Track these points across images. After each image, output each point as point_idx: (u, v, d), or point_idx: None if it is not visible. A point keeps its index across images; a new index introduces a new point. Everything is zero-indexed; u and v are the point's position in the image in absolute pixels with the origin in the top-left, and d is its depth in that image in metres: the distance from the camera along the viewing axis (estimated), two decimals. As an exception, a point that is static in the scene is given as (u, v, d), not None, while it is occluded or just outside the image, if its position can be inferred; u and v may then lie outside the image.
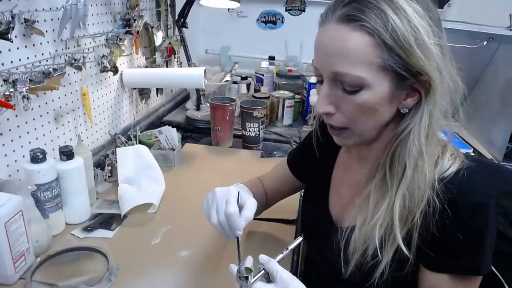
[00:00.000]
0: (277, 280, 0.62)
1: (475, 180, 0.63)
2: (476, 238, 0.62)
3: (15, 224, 0.77)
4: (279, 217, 1.05)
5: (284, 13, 2.12)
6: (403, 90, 0.61)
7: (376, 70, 0.58)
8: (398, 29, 0.56)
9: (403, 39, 0.56)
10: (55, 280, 0.81)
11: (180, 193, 1.16)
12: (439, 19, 0.61)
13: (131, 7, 1.29)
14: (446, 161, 0.65)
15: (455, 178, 0.63)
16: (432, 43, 0.58)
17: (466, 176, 0.62)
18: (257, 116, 1.41)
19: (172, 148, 1.32)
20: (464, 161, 0.65)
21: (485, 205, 0.61)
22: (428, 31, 0.57)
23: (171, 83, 1.54)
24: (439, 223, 0.62)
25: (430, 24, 0.58)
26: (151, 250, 0.92)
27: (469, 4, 1.81)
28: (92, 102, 1.20)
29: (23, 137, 0.95)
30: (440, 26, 0.61)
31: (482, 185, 0.63)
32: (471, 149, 1.46)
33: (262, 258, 0.65)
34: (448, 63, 0.61)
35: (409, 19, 0.56)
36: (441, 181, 0.62)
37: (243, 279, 0.63)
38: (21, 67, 0.90)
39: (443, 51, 0.60)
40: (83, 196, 0.99)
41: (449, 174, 0.63)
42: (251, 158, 1.39)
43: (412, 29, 0.56)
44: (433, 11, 0.60)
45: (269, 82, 1.88)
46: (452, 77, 0.61)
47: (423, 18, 0.57)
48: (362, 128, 0.64)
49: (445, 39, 0.61)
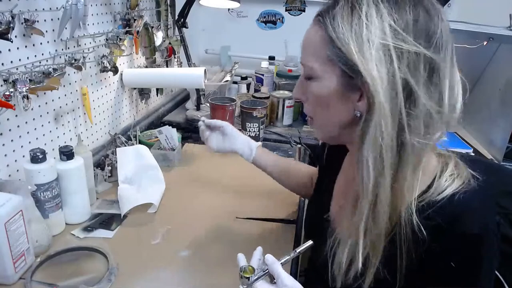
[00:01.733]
0: (278, 283, 0.63)
1: (469, 207, 0.58)
2: (467, 270, 0.59)
3: (15, 224, 0.77)
4: (279, 217, 1.05)
5: (284, 13, 2.11)
6: (354, 90, 0.59)
7: (324, 63, 0.61)
8: (342, 23, 0.57)
9: (342, 34, 0.57)
10: (55, 280, 0.81)
11: (180, 193, 1.16)
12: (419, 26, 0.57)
13: (131, 7, 1.29)
14: (442, 182, 0.60)
15: (447, 203, 0.58)
16: (380, 43, 0.55)
17: (459, 202, 0.58)
18: (257, 116, 1.41)
19: (172, 148, 1.32)
20: (465, 183, 0.60)
21: (477, 236, 0.57)
22: (384, 32, 0.55)
23: (171, 83, 1.54)
24: (425, 252, 0.58)
25: (391, 25, 0.55)
26: (151, 250, 0.92)
27: (469, 4, 1.81)
28: (92, 102, 1.20)
29: (23, 137, 0.95)
30: (420, 34, 0.56)
31: (475, 214, 0.58)
32: (471, 149, 1.46)
33: (267, 259, 0.65)
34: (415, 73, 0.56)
35: (361, 16, 0.56)
36: (431, 206, 0.58)
37: (245, 279, 0.64)
38: (21, 67, 0.90)
39: (406, 57, 0.56)
40: (83, 196, 0.99)
41: (442, 198, 0.59)
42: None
43: (357, 25, 0.56)
44: (408, 15, 0.56)
45: (269, 82, 1.88)
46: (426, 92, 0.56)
47: (383, 18, 0.56)
48: (321, 122, 0.68)
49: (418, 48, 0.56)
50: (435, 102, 0.57)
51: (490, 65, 1.55)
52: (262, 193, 1.16)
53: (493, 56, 1.52)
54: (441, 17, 0.58)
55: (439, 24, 0.58)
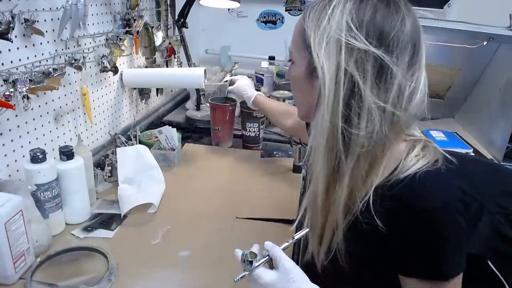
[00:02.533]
0: (279, 267, 0.64)
1: (426, 185, 0.61)
2: (432, 243, 0.61)
3: (15, 224, 0.77)
4: (279, 217, 1.05)
5: (284, 13, 2.11)
6: (316, 78, 0.64)
7: (298, 49, 0.68)
8: (313, 16, 0.64)
9: (309, 26, 0.64)
10: (55, 280, 0.81)
11: (180, 193, 1.16)
12: (374, 26, 0.60)
13: (131, 7, 1.29)
14: (407, 163, 0.64)
15: (409, 181, 0.62)
16: (335, 38, 0.60)
17: (420, 180, 0.61)
18: (257, 116, 1.41)
19: (172, 148, 1.32)
20: (430, 164, 0.63)
21: (438, 210, 0.60)
22: (341, 28, 0.60)
23: (171, 83, 1.54)
24: (390, 228, 0.62)
25: (348, 22, 0.60)
26: (151, 250, 0.92)
27: (469, 4, 1.81)
28: (92, 102, 1.20)
29: (23, 137, 0.95)
30: (372, 34, 0.60)
31: (435, 191, 0.61)
32: (471, 149, 1.46)
33: (267, 245, 0.67)
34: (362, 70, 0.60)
35: (327, 11, 0.62)
36: (397, 184, 0.62)
37: (247, 263, 0.65)
38: (21, 67, 0.90)
39: (355, 54, 0.59)
40: (83, 196, 0.99)
41: (405, 176, 0.62)
42: (251, 158, 1.39)
43: (322, 19, 0.62)
44: (365, 15, 0.60)
45: (269, 82, 1.88)
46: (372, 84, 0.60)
47: (343, 14, 0.61)
48: (296, 101, 0.78)
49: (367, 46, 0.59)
50: (382, 100, 0.60)
51: (490, 65, 1.55)
52: (262, 193, 1.16)
53: (493, 56, 1.52)
54: (404, 20, 0.61)
55: (399, 26, 0.60)
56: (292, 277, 0.63)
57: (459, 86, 1.65)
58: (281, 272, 0.64)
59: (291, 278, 0.63)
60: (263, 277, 0.64)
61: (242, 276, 0.66)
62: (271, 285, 0.64)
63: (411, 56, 0.62)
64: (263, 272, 0.65)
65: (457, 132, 1.60)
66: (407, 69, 0.62)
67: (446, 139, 1.50)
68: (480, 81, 1.61)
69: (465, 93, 1.68)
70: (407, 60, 0.61)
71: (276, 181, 1.23)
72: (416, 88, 0.63)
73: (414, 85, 0.62)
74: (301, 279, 0.64)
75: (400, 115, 0.62)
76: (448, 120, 1.76)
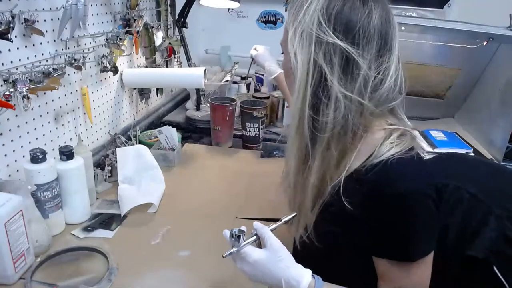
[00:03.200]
0: (267, 246, 0.66)
1: (397, 170, 0.63)
2: (400, 227, 0.64)
3: (15, 224, 0.77)
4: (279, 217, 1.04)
5: (284, 13, 2.11)
6: None
7: (285, 41, 0.71)
8: (294, 11, 0.68)
9: (289, 19, 0.69)
10: (55, 280, 0.81)
11: (180, 193, 1.16)
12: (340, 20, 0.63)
13: (131, 7, 1.29)
14: (382, 149, 0.66)
15: (381, 167, 0.64)
16: (307, 31, 0.64)
17: (391, 165, 0.63)
18: (257, 116, 1.41)
19: (172, 148, 1.32)
20: (403, 151, 0.65)
21: (406, 195, 0.62)
22: (313, 21, 0.64)
23: (171, 83, 1.54)
24: (362, 211, 0.65)
25: (319, 16, 0.63)
26: (151, 250, 0.92)
27: (469, 4, 1.81)
28: (92, 102, 1.20)
29: (23, 137, 0.95)
30: (338, 27, 0.63)
31: (404, 176, 0.63)
32: (471, 149, 1.46)
33: (256, 224, 0.70)
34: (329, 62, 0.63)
35: (304, 5, 0.66)
36: (370, 170, 0.64)
37: (236, 238, 0.66)
38: (21, 67, 0.90)
39: (323, 46, 0.63)
40: (83, 196, 0.99)
41: (378, 162, 0.64)
42: (251, 158, 1.39)
43: (298, 14, 0.66)
44: (333, 9, 0.63)
45: (269, 82, 1.88)
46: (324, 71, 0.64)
47: (316, 9, 0.64)
48: (289, 90, 0.77)
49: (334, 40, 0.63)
50: (349, 91, 0.64)
51: (490, 65, 1.55)
52: (262, 193, 1.16)
53: (493, 56, 1.52)
54: (371, 13, 0.63)
55: (365, 20, 0.63)
56: (280, 256, 0.65)
57: (459, 86, 1.65)
58: (269, 250, 0.66)
59: (279, 256, 0.65)
60: (252, 255, 0.66)
61: (230, 252, 0.67)
62: (259, 263, 0.65)
63: (379, 48, 0.64)
64: (251, 250, 0.67)
65: (457, 132, 1.60)
66: (374, 61, 0.64)
67: (446, 139, 1.50)
68: (480, 81, 1.61)
69: (465, 93, 1.68)
70: (373, 51, 0.64)
71: (276, 181, 1.23)
72: (384, 80, 0.65)
73: (381, 76, 0.64)
74: (288, 258, 0.66)
75: (366, 105, 0.64)
76: (448, 120, 1.76)
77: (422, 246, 0.65)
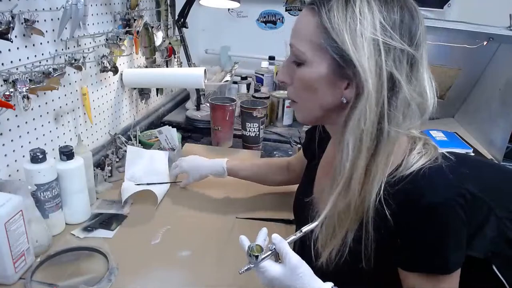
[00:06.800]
0: (285, 262, 0.64)
1: (432, 181, 0.62)
2: (434, 239, 0.62)
3: (15, 224, 0.77)
4: (279, 217, 1.05)
5: (284, 13, 2.11)
6: (343, 78, 0.63)
7: (316, 49, 0.64)
8: (338, 15, 0.61)
9: (337, 25, 0.61)
10: (55, 280, 0.81)
11: (180, 193, 1.16)
12: (404, 26, 0.61)
13: (131, 7, 1.29)
14: (411, 160, 0.65)
15: (413, 177, 0.63)
16: (371, 38, 0.59)
17: (423, 176, 0.62)
18: (257, 116, 1.41)
19: (172, 148, 1.32)
20: (432, 160, 0.64)
21: (441, 205, 0.61)
22: (375, 27, 0.59)
23: (171, 83, 1.54)
24: (394, 224, 0.63)
25: (381, 22, 0.60)
26: (151, 250, 0.92)
27: (469, 4, 1.81)
28: (92, 102, 1.20)
29: (23, 137, 0.95)
30: (404, 33, 0.61)
31: (438, 187, 0.63)
32: (471, 149, 1.46)
33: (275, 238, 0.67)
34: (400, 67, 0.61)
35: (354, 10, 0.60)
36: (401, 181, 0.63)
37: (253, 257, 0.65)
38: (21, 67, 0.90)
39: (392, 53, 0.60)
40: (83, 196, 0.99)
41: (410, 173, 0.63)
42: (251, 158, 1.39)
43: (351, 19, 0.60)
44: (395, 15, 0.61)
45: (269, 82, 1.88)
46: (411, 85, 0.61)
47: (374, 15, 0.60)
48: (306, 105, 0.71)
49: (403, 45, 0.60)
50: (418, 93, 0.62)
51: (490, 65, 1.55)
52: (262, 193, 1.16)
53: (493, 56, 1.52)
54: (420, 21, 0.64)
55: (419, 26, 0.63)
56: (298, 273, 0.63)
57: (459, 86, 1.65)
58: (287, 267, 0.64)
59: (297, 274, 0.63)
60: (270, 270, 0.64)
61: (247, 268, 0.66)
62: (277, 280, 0.64)
63: (426, 52, 0.65)
64: (269, 265, 0.65)
65: (457, 132, 1.60)
66: (426, 64, 0.64)
67: (446, 139, 1.50)
68: (480, 81, 1.61)
69: (465, 93, 1.68)
70: (425, 56, 0.64)
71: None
72: (432, 79, 0.65)
73: (430, 76, 0.65)
74: (308, 275, 0.64)
75: (429, 107, 0.64)
76: (448, 120, 1.76)
77: (458, 256, 0.64)
